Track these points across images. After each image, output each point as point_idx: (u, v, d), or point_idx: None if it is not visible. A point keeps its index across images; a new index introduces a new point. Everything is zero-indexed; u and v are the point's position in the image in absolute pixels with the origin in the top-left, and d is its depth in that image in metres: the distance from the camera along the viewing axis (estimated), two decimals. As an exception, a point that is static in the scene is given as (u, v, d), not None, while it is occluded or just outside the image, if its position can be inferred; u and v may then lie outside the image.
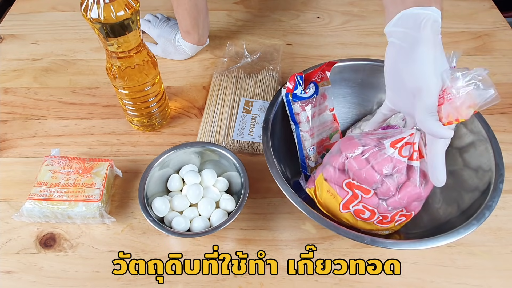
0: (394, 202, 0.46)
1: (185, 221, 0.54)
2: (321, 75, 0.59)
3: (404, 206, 0.48)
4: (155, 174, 0.57)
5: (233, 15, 0.92)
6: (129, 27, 0.52)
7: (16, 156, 0.66)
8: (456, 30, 0.88)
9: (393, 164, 0.45)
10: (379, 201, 0.47)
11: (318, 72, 0.59)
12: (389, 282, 0.53)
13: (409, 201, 0.46)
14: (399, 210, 0.48)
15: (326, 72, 0.60)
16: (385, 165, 0.45)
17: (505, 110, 0.72)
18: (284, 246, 0.56)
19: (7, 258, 0.55)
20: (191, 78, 0.78)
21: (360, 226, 0.51)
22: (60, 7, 0.93)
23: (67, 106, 0.73)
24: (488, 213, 0.48)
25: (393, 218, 0.49)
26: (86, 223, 0.57)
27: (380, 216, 0.48)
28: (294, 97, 0.56)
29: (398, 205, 0.47)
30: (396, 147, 0.45)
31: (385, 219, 0.49)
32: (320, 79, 0.59)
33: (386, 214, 0.48)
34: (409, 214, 0.49)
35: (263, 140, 0.55)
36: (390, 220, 0.49)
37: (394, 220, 0.49)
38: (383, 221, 0.49)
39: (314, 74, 0.59)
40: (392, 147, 0.45)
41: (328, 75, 0.60)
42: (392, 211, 0.48)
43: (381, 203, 0.47)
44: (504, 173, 0.51)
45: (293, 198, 0.49)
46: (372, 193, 0.47)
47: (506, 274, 0.54)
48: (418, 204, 0.49)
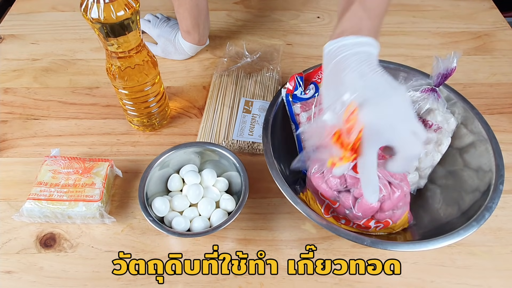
0: (354, 214, 0.48)
1: (185, 221, 0.54)
2: (322, 75, 0.59)
3: (365, 217, 0.48)
4: (155, 174, 0.57)
5: (233, 15, 0.92)
6: (129, 27, 0.52)
7: (16, 156, 0.66)
8: (456, 30, 0.88)
9: (345, 179, 0.46)
10: (345, 211, 0.48)
11: (318, 72, 0.59)
12: (389, 282, 0.53)
13: (366, 214, 0.47)
14: (368, 219, 0.49)
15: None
16: (337, 181, 0.46)
17: (505, 110, 0.72)
18: (284, 246, 0.56)
19: (7, 258, 0.55)
20: (191, 78, 0.78)
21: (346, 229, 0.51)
22: (60, 7, 0.93)
23: (67, 106, 0.73)
24: (488, 215, 0.48)
25: (367, 225, 0.49)
26: (86, 223, 0.57)
27: (354, 223, 0.50)
28: (294, 98, 0.56)
29: (359, 216, 0.48)
30: None
31: (360, 226, 0.50)
32: (321, 79, 0.59)
33: (357, 222, 0.49)
34: (385, 222, 0.49)
35: (263, 140, 0.55)
36: (366, 227, 0.49)
37: (370, 228, 0.49)
38: (362, 227, 0.50)
39: (314, 74, 0.59)
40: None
41: None
42: (357, 220, 0.49)
43: (348, 213, 0.48)
44: (504, 173, 0.51)
45: (292, 199, 0.49)
46: (338, 204, 0.49)
47: (506, 274, 0.54)
48: (387, 213, 0.48)
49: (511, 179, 0.63)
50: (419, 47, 0.85)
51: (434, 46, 0.85)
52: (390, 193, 0.47)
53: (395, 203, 0.47)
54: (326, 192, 0.49)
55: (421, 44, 0.85)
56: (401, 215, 0.50)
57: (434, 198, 0.56)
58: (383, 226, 0.50)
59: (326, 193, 0.49)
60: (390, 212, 0.48)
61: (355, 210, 0.47)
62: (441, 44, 0.85)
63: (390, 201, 0.47)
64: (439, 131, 0.55)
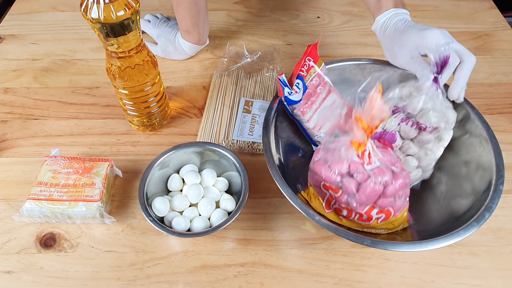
0: (358, 199, 0.48)
1: (185, 221, 0.54)
2: (308, 63, 0.58)
3: (370, 202, 0.48)
4: (155, 174, 0.57)
5: (233, 15, 0.92)
6: (129, 27, 0.52)
7: (16, 156, 0.66)
8: (456, 30, 0.88)
9: (348, 164, 0.47)
10: (348, 199, 0.49)
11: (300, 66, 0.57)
12: (389, 282, 0.53)
13: (370, 198, 0.47)
14: (371, 207, 0.49)
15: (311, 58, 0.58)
16: (340, 165, 0.47)
17: (505, 110, 0.72)
18: (284, 246, 0.56)
19: (7, 258, 0.55)
20: (191, 78, 0.78)
21: (347, 224, 0.51)
22: (60, 7, 0.93)
23: (67, 106, 0.73)
24: (488, 215, 0.48)
25: (369, 216, 0.49)
26: (86, 223, 0.57)
27: (357, 213, 0.50)
28: (287, 101, 0.56)
29: (362, 202, 0.48)
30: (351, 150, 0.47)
31: (362, 216, 0.50)
32: (307, 70, 0.58)
33: (359, 211, 0.49)
34: (386, 211, 0.49)
35: (263, 140, 0.55)
36: (367, 218, 0.50)
37: (372, 218, 0.50)
38: (363, 219, 0.50)
39: (297, 70, 0.57)
40: (347, 150, 0.47)
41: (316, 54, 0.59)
42: (360, 208, 0.49)
43: (350, 201, 0.49)
44: (504, 174, 0.51)
45: (293, 200, 0.49)
46: (340, 192, 0.49)
47: (506, 274, 0.54)
48: (389, 200, 0.48)
49: (511, 179, 0.63)
50: (419, 47, 0.85)
51: (434, 46, 0.85)
52: (392, 179, 0.47)
53: (397, 190, 0.48)
54: (329, 178, 0.48)
55: (421, 44, 0.85)
56: (401, 206, 0.50)
57: (434, 198, 0.56)
58: (385, 217, 0.49)
59: (329, 179, 0.48)
60: (392, 200, 0.48)
61: (358, 195, 0.47)
62: (441, 44, 0.85)
63: (392, 186, 0.47)
64: (436, 131, 0.55)
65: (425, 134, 0.55)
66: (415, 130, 0.55)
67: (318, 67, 0.59)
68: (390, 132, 0.54)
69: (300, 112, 0.57)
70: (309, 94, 0.58)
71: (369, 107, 0.43)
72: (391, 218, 0.50)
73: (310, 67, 0.58)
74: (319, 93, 0.59)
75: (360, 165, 0.47)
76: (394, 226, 0.52)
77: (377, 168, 0.47)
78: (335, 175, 0.48)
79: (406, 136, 0.56)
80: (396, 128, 0.56)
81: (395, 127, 0.56)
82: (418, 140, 0.56)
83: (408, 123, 0.55)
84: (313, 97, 0.58)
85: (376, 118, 0.43)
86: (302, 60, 0.58)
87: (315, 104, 0.58)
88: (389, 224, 0.51)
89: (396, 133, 0.56)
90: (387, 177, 0.47)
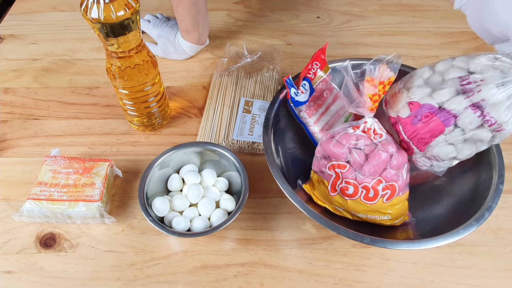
0: (366, 169, 0.50)
1: (185, 221, 0.54)
2: (316, 67, 0.58)
3: (377, 173, 0.50)
4: (155, 174, 0.57)
5: (233, 15, 0.92)
6: (129, 27, 0.52)
7: (16, 156, 0.66)
8: (456, 30, 0.88)
9: (356, 138, 0.50)
10: (356, 173, 0.50)
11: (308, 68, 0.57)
12: (389, 282, 0.53)
13: (378, 166, 0.49)
14: (378, 180, 0.50)
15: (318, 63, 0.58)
16: (348, 138, 0.50)
17: (505, 110, 0.72)
18: (284, 246, 0.56)
19: (7, 258, 0.55)
20: (191, 78, 0.78)
21: (351, 208, 0.51)
22: (60, 7, 0.93)
23: (67, 106, 0.73)
24: (488, 214, 0.48)
25: (375, 190, 0.50)
26: (86, 223, 0.57)
27: (363, 190, 0.50)
28: (293, 102, 0.56)
29: (370, 172, 0.49)
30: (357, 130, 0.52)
31: (369, 192, 0.50)
32: (314, 73, 0.58)
33: (366, 185, 0.50)
34: (391, 185, 0.50)
35: (263, 138, 0.55)
36: (374, 194, 0.50)
37: (378, 195, 0.50)
38: (369, 196, 0.51)
39: (304, 72, 0.57)
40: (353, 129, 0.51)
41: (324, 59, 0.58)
42: (368, 179, 0.50)
43: (358, 174, 0.50)
44: (504, 174, 0.51)
45: (293, 198, 0.49)
46: (348, 167, 0.51)
47: (506, 274, 0.54)
48: (395, 173, 0.50)
49: (511, 179, 0.63)
50: (419, 47, 0.85)
51: (434, 46, 0.85)
52: (398, 152, 0.50)
53: (402, 163, 0.50)
54: (337, 154, 0.51)
55: (421, 44, 0.85)
56: (404, 187, 0.51)
57: (434, 198, 0.56)
58: (390, 194, 0.50)
59: (337, 154, 0.51)
60: (397, 173, 0.50)
61: (366, 165, 0.49)
62: (441, 44, 0.85)
63: (398, 157, 0.50)
64: (500, 132, 0.45)
65: (484, 131, 0.46)
66: (479, 122, 0.45)
67: (324, 73, 0.58)
68: (450, 112, 0.46)
69: (306, 114, 0.57)
70: (316, 97, 0.58)
71: (378, 72, 0.48)
72: (394, 198, 0.51)
73: (317, 71, 0.58)
74: (325, 97, 0.59)
75: (367, 138, 0.50)
76: (396, 212, 0.51)
77: (384, 140, 0.50)
78: (344, 148, 0.50)
79: (462, 125, 0.46)
80: (457, 111, 0.46)
81: (458, 109, 0.46)
82: (472, 134, 0.46)
83: (477, 112, 0.45)
84: (319, 100, 0.58)
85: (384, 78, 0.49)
86: (310, 64, 0.58)
87: (321, 108, 0.58)
88: (393, 208, 0.51)
89: (453, 118, 0.46)
90: (394, 148, 0.50)
